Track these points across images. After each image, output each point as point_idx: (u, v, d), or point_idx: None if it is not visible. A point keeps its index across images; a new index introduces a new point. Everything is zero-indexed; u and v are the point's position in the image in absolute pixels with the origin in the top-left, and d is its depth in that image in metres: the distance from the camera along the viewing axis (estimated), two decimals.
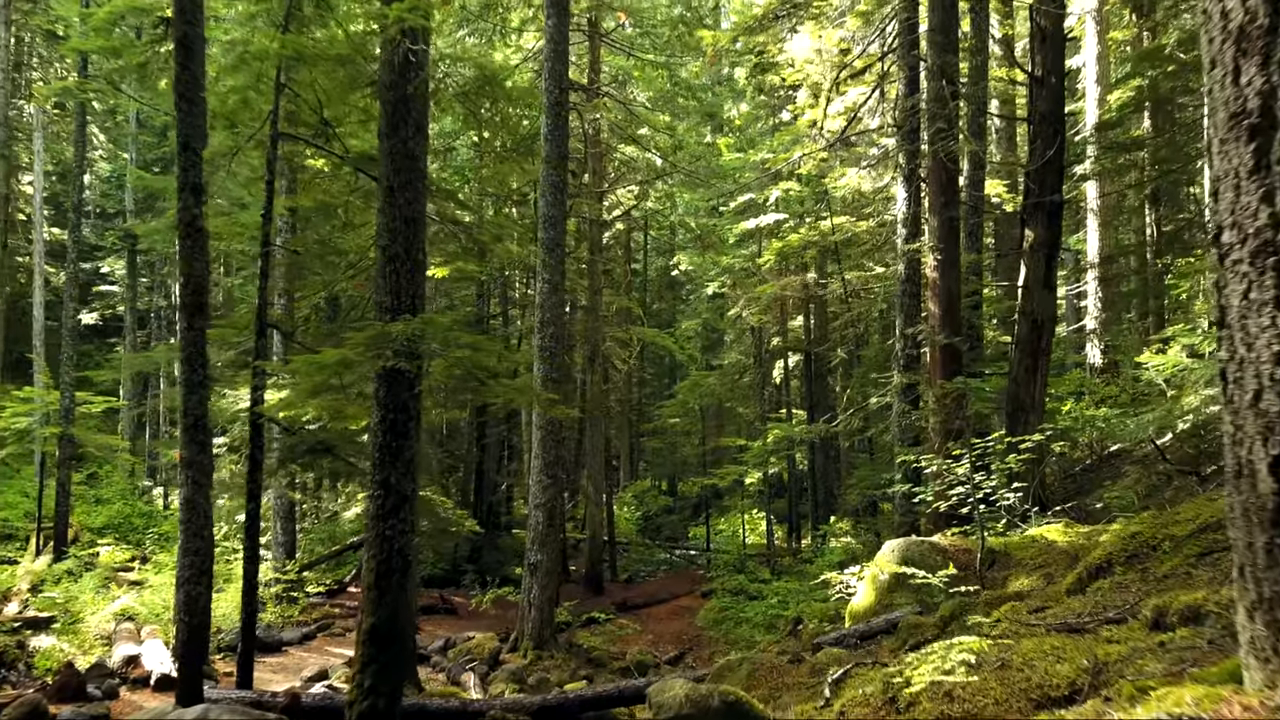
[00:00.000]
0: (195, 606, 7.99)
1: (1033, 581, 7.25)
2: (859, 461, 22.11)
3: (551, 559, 14.18)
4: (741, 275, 25.40)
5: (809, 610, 15.09)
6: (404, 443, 6.79)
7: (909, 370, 12.97)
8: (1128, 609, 4.16)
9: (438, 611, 17.76)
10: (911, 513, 12.08)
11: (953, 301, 12.58)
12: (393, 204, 6.93)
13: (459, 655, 13.55)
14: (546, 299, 14.24)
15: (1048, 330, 12.13)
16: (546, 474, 14.09)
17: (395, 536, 6.69)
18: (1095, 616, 4.23)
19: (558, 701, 8.03)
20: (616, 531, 30.25)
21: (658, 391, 40.99)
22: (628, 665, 14.34)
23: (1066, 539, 8.08)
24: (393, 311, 6.80)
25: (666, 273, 42.04)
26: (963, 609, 6.70)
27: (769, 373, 28.51)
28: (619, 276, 39.38)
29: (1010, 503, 9.17)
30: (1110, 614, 4.18)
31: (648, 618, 18.87)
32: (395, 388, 6.74)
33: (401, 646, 6.70)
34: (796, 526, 26.01)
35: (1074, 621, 4.23)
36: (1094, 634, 3.81)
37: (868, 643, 7.58)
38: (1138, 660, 3.00)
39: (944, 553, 8.33)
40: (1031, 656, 3.43)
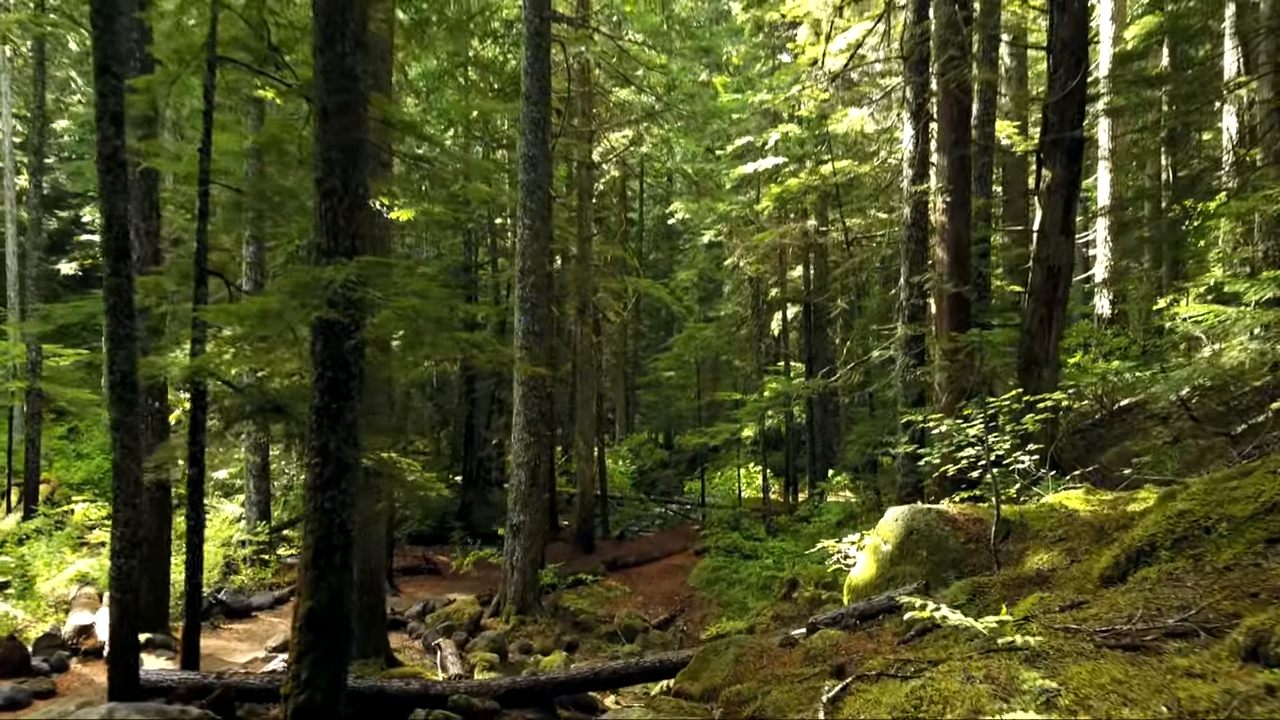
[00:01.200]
0: (128, 581, 7.25)
1: (1054, 558, 6.49)
2: (859, 416, 21.38)
3: (535, 520, 13.48)
4: (738, 223, 24.40)
5: (804, 573, 14.44)
6: (345, 404, 5.98)
7: (914, 322, 12.12)
8: (1194, 616, 3.38)
9: (420, 572, 17.14)
10: (915, 473, 11.33)
11: (962, 247, 11.70)
12: (328, 130, 6.03)
13: (437, 621, 12.91)
14: (528, 246, 13.35)
15: (1064, 278, 11.27)
16: (529, 431, 13.33)
17: (336, 509, 5.92)
18: (1152, 623, 3.44)
19: (528, 684, 7.33)
20: (610, 486, 29.66)
21: (654, 344, 40.15)
22: (615, 630, 13.74)
23: (1089, 508, 7.31)
24: (329, 254, 5.94)
25: (663, 222, 40.94)
26: (976, 591, 5.95)
27: (767, 324, 27.67)
28: (614, 225, 38.40)
29: (1025, 466, 8.39)
30: (1171, 621, 3.40)
31: (638, 577, 18.27)
32: (333, 342, 5.91)
33: (344, 632, 5.96)
34: (794, 480, 25.37)
35: (1125, 629, 3.45)
36: (1158, 654, 3.03)
37: (868, 623, 6.85)
38: (1241, 717, 2.25)
39: (953, 522, 7.57)
40: (1086, 692, 2.66)
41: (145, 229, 11.25)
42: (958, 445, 7.84)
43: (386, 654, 10.63)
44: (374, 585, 10.43)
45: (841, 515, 16.14)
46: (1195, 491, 4.86)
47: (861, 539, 8.93)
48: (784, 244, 21.88)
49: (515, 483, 13.46)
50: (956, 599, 5.94)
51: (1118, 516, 6.86)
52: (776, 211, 22.56)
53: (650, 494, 30.62)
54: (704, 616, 15.39)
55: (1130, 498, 7.26)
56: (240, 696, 7.51)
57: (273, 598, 13.57)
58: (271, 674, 7.97)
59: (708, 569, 17.36)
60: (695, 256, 33.06)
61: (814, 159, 20.79)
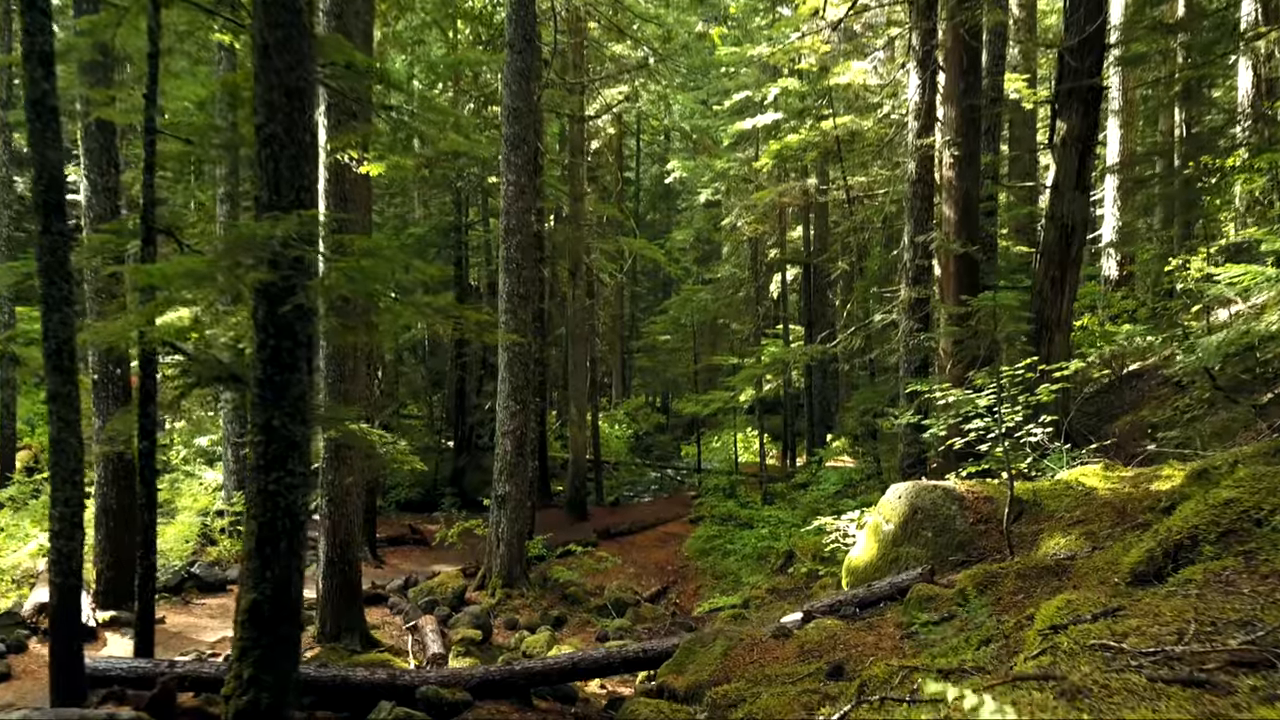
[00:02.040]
0: (69, 565, 6.73)
1: (1071, 542, 5.95)
2: (859, 380, 20.82)
3: (521, 490, 12.96)
4: (736, 181, 23.64)
5: (801, 544, 13.97)
6: (290, 376, 5.38)
7: (918, 284, 11.51)
8: (1265, 638, 2.82)
9: (406, 543, 16.65)
10: (918, 444, 10.78)
11: (970, 204, 11.05)
12: (269, 69, 5.36)
13: (420, 595, 12.44)
14: (512, 203, 12.67)
15: (1078, 237, 10.65)
16: (514, 399, 12.76)
17: (282, 492, 5.34)
18: (1210, 643, 2.89)
19: (502, 674, 6.83)
20: (606, 451, 29.18)
21: (652, 306, 39.45)
22: (605, 603, 13.27)
23: (1108, 486, 6.76)
24: (271, 208, 5.31)
25: (660, 181, 40.10)
26: (987, 581, 5.40)
27: (766, 287, 26.99)
28: (610, 185, 37.52)
29: (1037, 439, 7.84)
30: (1234, 643, 2.84)
31: (631, 546, 17.81)
32: (277, 307, 5.30)
33: (293, 626, 5.42)
34: (791, 445, 24.89)
35: (1178, 651, 2.89)
36: (1229, 694, 2.47)
37: (869, 611, 6.32)
38: None
39: (960, 501, 7.02)
40: None
41: (103, 184, 10.61)
42: (965, 416, 7.28)
43: (363, 633, 10.15)
44: (348, 560, 9.93)
45: (840, 484, 15.64)
46: (1242, 477, 4.28)
47: (861, 517, 8.41)
48: (783, 203, 21.16)
49: (501, 452, 12.92)
50: (966, 593, 5.39)
51: (1140, 496, 6.31)
52: (776, 169, 21.81)
53: (646, 459, 30.18)
54: (697, 588, 14.95)
55: (1153, 475, 6.70)
56: (195, 686, 7.03)
57: None
58: (224, 664, 7.44)
59: (702, 538, 16.90)
60: (693, 216, 32.29)
61: (814, 114, 20.00)
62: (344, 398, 9.76)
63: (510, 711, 6.67)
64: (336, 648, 9.05)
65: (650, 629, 12.61)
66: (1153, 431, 10.68)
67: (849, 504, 14.60)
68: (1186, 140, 20.33)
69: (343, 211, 9.73)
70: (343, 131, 9.35)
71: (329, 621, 9.88)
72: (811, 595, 11.78)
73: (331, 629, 9.86)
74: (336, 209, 9.71)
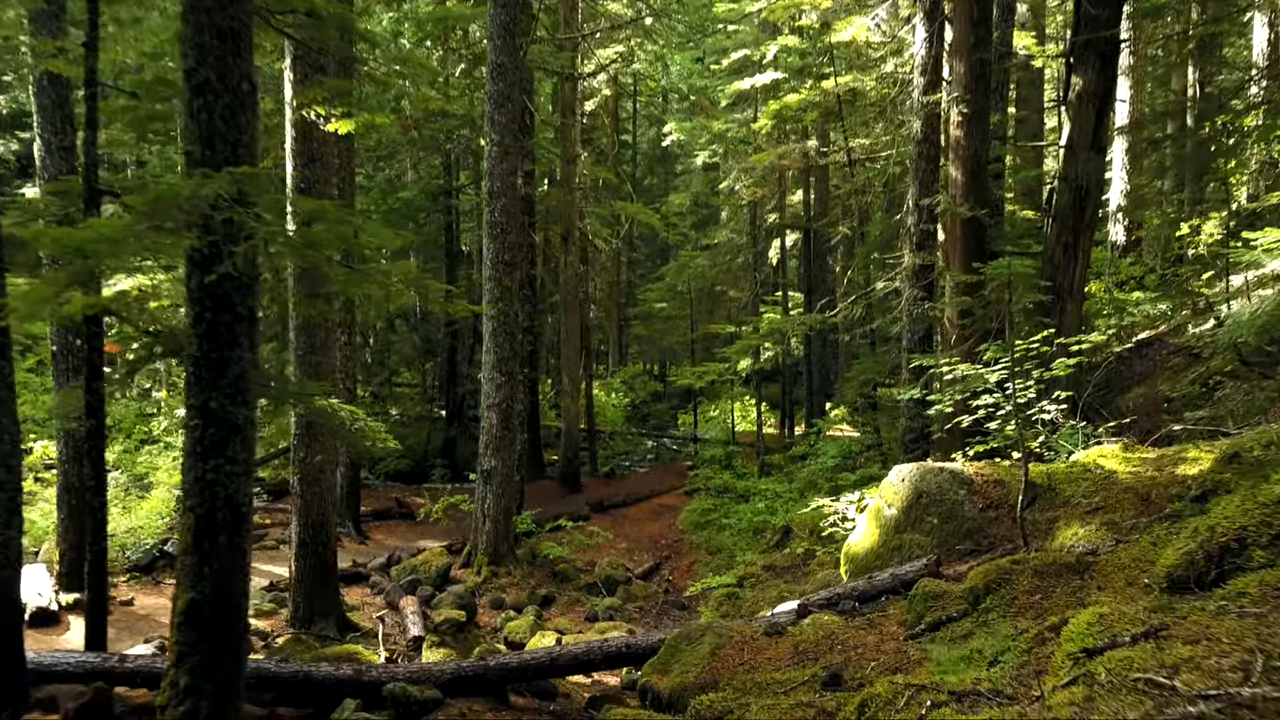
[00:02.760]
0: (5, 554, 6.25)
1: (1092, 534, 5.44)
2: (859, 350, 20.29)
3: (508, 465, 12.48)
4: (734, 144, 22.93)
5: (798, 520, 13.52)
6: (229, 353, 4.85)
7: (922, 250, 10.94)
8: None
9: (392, 517, 16.19)
10: (921, 418, 10.26)
11: (979, 165, 10.44)
12: (198, 6, 4.77)
13: (402, 573, 11.99)
14: (496, 165, 12.05)
15: (1093, 200, 10.07)
16: (500, 370, 12.23)
17: (222, 481, 4.83)
18: None
19: (475, 670, 6.36)
20: (601, 420, 28.72)
21: (649, 273, 38.78)
22: (595, 580, 12.86)
23: (1128, 469, 6.25)
24: (204, 165, 4.73)
25: (658, 144, 39.28)
26: (1000, 579, 4.91)
27: (764, 252, 26.36)
28: (606, 147, 36.70)
29: (1050, 416, 7.32)
30: None
31: (625, 519, 17.39)
32: (209, 277, 4.74)
33: (236, 627, 4.93)
34: (790, 414, 24.41)
35: (1247, 695, 2.38)
36: None
37: (869, 607, 5.84)
38: None
39: (968, 484, 6.51)
40: None
41: (58, 144, 9.97)
42: (973, 392, 6.76)
43: (339, 616, 9.72)
44: (322, 541, 9.46)
45: (839, 456, 15.16)
46: None
47: (861, 500, 7.92)
48: (782, 166, 20.47)
49: (486, 425, 12.42)
50: (977, 591, 4.90)
51: (1166, 481, 5.80)
52: (775, 131, 21.09)
53: (642, 429, 29.72)
54: (691, 564, 14.54)
55: (1177, 456, 6.19)
56: (148, 682, 6.56)
57: None
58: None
59: (697, 512, 16.47)
60: (690, 180, 31.56)
61: (815, 73, 19.26)
62: (315, 370, 9.23)
63: (484, 711, 6.22)
64: (304, 636, 8.60)
65: (641, 608, 12.21)
66: (1169, 405, 10.17)
67: (848, 478, 14.13)
68: (1200, 100, 19.63)
69: (311, 173, 9.15)
70: (309, 86, 8.73)
71: (303, 605, 9.44)
72: (808, 574, 11.35)
73: (305, 613, 9.42)
74: (304, 170, 9.12)
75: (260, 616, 9.60)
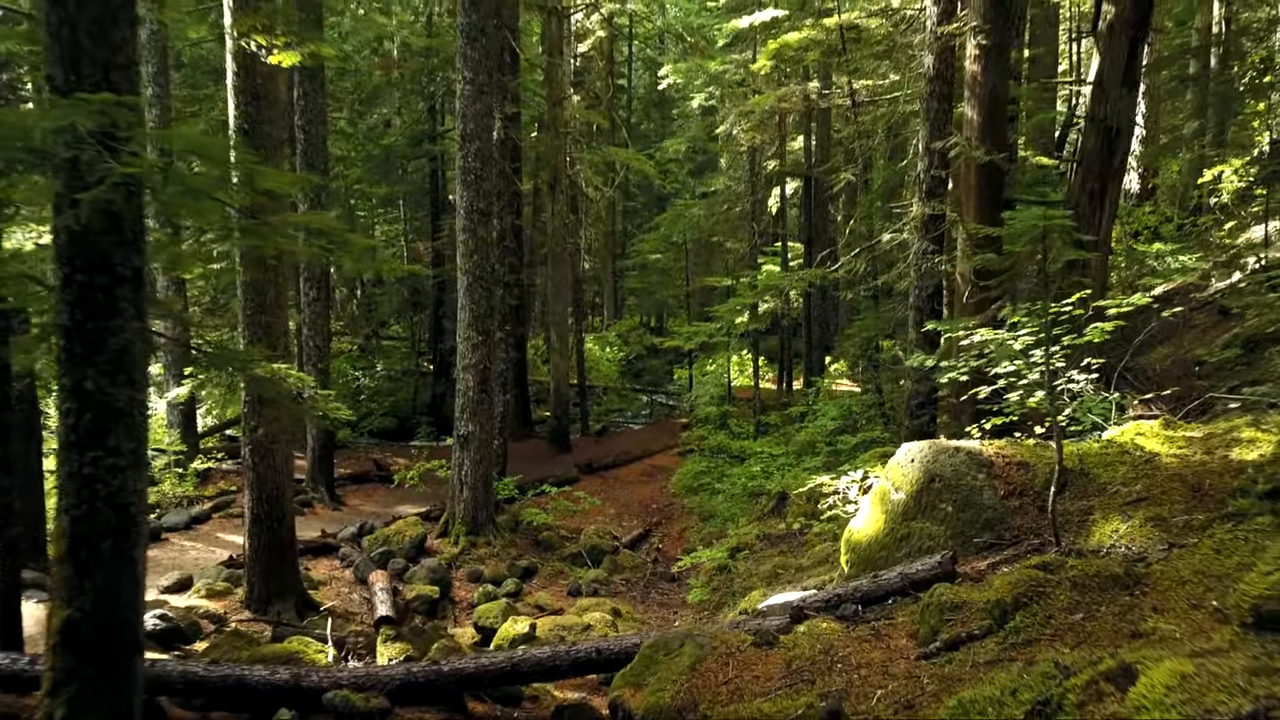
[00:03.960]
0: None
1: (1135, 531, 4.66)
2: (861, 304, 19.38)
3: (486, 430, 11.70)
4: (731, 86, 21.79)
5: (795, 485, 12.80)
6: (107, 323, 4.01)
7: (933, 198, 10.01)
8: None
9: (370, 480, 15.44)
10: (928, 381, 9.43)
11: (997, 104, 9.48)
12: None
13: (374, 545, 11.28)
14: (469, 105, 11.09)
15: (1123, 143, 9.17)
16: (476, 329, 11.40)
17: (102, 476, 4.03)
18: None
19: (428, 675, 5.63)
20: (595, 375, 27.97)
21: (648, 223, 37.68)
22: (580, 550, 12.17)
23: (1173, 451, 5.45)
24: (68, 92, 3.85)
25: (654, 89, 37.96)
26: (1032, 592, 4.13)
27: (764, 201, 25.32)
28: (601, 91, 35.40)
29: (1080, 387, 6.50)
30: None
31: (615, 481, 16.69)
32: (86, 229, 3.89)
33: (127, 649, 4.17)
34: (789, 368, 23.64)
35: None
36: None
37: (874, 611, 5.08)
38: None
39: (987, 467, 5.72)
40: None
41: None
42: (989, 358, 5.94)
43: (299, 595, 9.01)
44: (276, 517, 8.71)
45: (839, 418, 14.39)
46: None
47: (865, 480, 7.13)
48: (783, 109, 19.40)
49: (463, 388, 11.62)
50: (1004, 605, 4.12)
51: (1219, 467, 5.01)
52: (774, 72, 19.95)
53: (637, 384, 28.95)
54: (683, 531, 13.86)
55: (1229, 436, 5.39)
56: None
57: (188, 516, 11.91)
58: None
59: (690, 474, 15.76)
60: (687, 125, 30.39)
61: (816, 9, 18.10)
62: (266, 331, 8.40)
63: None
64: (243, 631, 7.88)
65: (628, 580, 11.53)
66: (1200, 369, 9.36)
67: (848, 440, 13.38)
68: (1225, 39, 18.52)
69: (255, 111, 8.21)
70: (248, 12, 7.77)
71: (258, 585, 8.73)
72: (805, 544, 10.61)
73: (261, 593, 8.71)
74: (247, 108, 8.19)
75: (213, 597, 8.89)
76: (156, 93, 13.12)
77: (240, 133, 8.21)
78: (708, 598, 10.11)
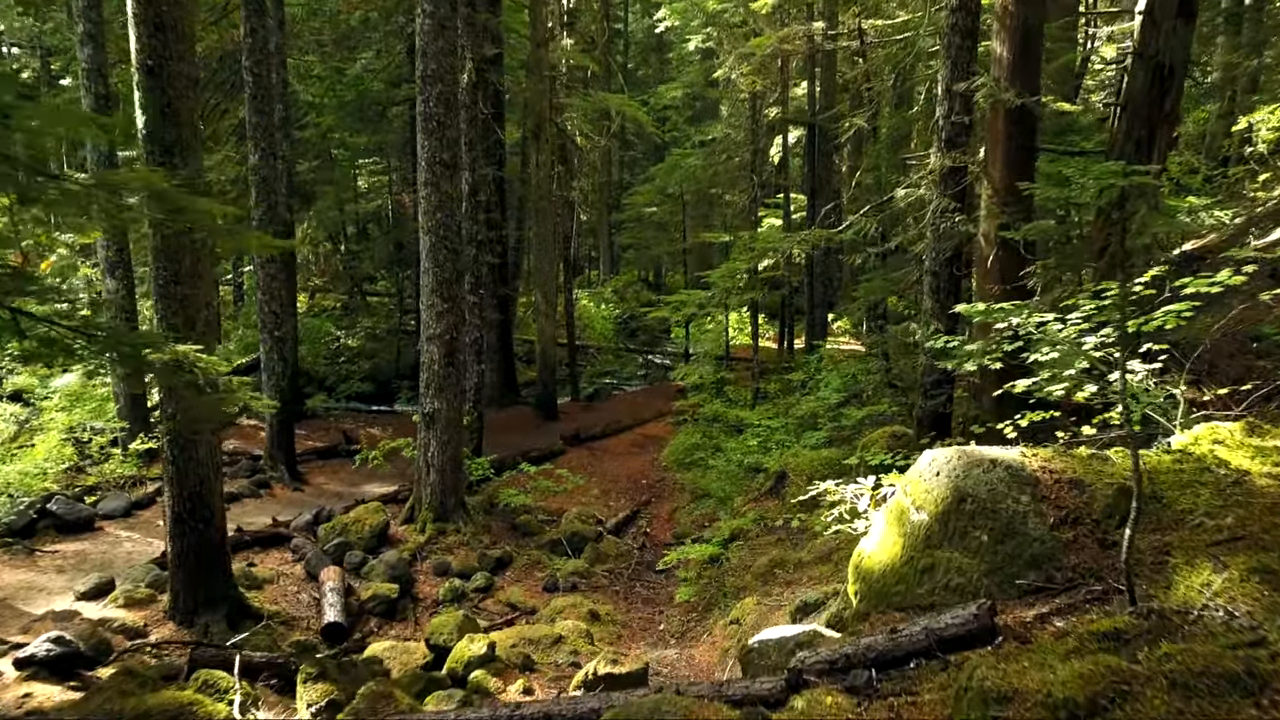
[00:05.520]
0: None
1: (1234, 585, 3.56)
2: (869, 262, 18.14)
3: (454, 407, 10.61)
4: (730, 27, 20.29)
5: (795, 464, 11.74)
6: None
7: (954, 148, 8.78)
8: None
9: (337, 455, 14.34)
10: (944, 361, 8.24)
11: (1031, 39, 8.21)
12: None
13: (331, 534, 10.26)
14: (430, 42, 9.80)
15: (1177, 82, 7.90)
16: (441, 295, 10.24)
17: None
18: None
19: None
20: (590, 334, 26.84)
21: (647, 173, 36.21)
22: (560, 537, 11.15)
23: (1267, 468, 4.33)
24: None
25: (652, 32, 36.29)
26: (1112, 688, 3.03)
27: (765, 151, 23.90)
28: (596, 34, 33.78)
29: (1140, 379, 5.37)
30: None
31: (603, 453, 15.66)
32: None
33: None
34: (790, 325, 22.47)
35: None
36: None
37: (891, 680, 3.99)
38: None
39: (1031, 486, 4.61)
40: None
41: None
42: (1030, 342, 4.82)
43: (233, 602, 7.98)
44: (203, 517, 7.64)
45: (843, 390, 13.27)
46: None
47: (878, 490, 6.01)
48: (785, 51, 17.98)
49: (427, 361, 10.50)
50: (1075, 706, 3.03)
51: None
52: (776, 11, 18.51)
53: (632, 343, 27.80)
54: (673, 511, 12.83)
55: None
56: None
57: (128, 501, 10.87)
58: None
59: (684, 446, 14.71)
60: (685, 70, 28.79)
61: None
62: (181, 305, 7.24)
63: None
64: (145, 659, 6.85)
65: (611, 572, 10.52)
66: (1257, 345, 8.20)
67: (853, 414, 12.27)
68: None
69: (160, 44, 6.97)
70: None
71: (183, 593, 7.70)
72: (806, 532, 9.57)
73: (185, 603, 7.69)
74: (151, 40, 6.94)
75: (133, 605, 7.86)
76: (88, 30, 11.79)
77: (144, 70, 6.98)
78: (696, 596, 9.10)
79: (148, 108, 7.04)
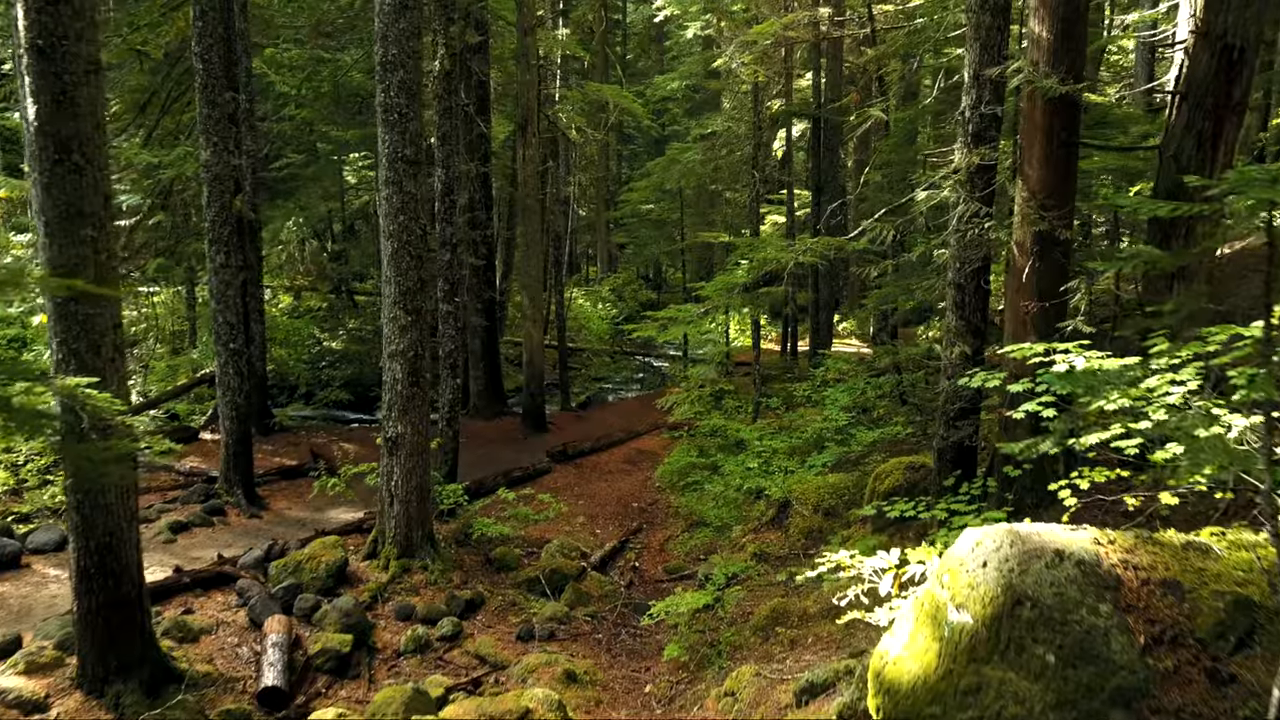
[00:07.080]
0: None
1: None
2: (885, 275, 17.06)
3: (419, 431, 9.55)
4: (732, 14, 19.21)
5: (799, 490, 10.68)
6: None
7: (982, 144, 7.68)
8: None
9: (304, 475, 13.23)
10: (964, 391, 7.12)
11: (1075, 17, 7.09)
12: None
13: (283, 573, 9.20)
14: (390, 24, 8.73)
15: (1248, 68, 6.80)
16: (404, 306, 9.17)
17: None
18: None
19: None
20: (584, 337, 25.83)
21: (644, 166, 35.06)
22: (538, 574, 10.09)
23: None
24: None
25: (651, 22, 35.12)
26: None
27: (767, 145, 22.79)
28: (593, 24, 32.78)
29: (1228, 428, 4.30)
30: None
31: (592, 471, 14.61)
32: None
33: None
34: (794, 327, 21.42)
35: None
36: None
37: None
38: None
39: (1111, 589, 3.53)
40: None
41: None
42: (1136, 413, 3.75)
43: (154, 665, 6.93)
44: (112, 572, 6.59)
45: (852, 407, 12.17)
46: None
47: (903, 568, 4.92)
48: (789, 38, 16.85)
49: (389, 380, 9.45)
50: None
51: None
52: None
53: (629, 346, 26.74)
54: (666, 540, 11.79)
55: None
56: None
57: (61, 535, 9.80)
58: None
59: (678, 466, 13.61)
60: (686, 60, 27.70)
61: None
62: (83, 327, 6.17)
63: None
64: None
65: (594, 616, 9.46)
66: None
67: (864, 436, 11.17)
68: None
69: (53, 22, 5.91)
70: None
71: (90, 660, 6.64)
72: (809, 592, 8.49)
73: (95, 670, 6.63)
74: (41, 18, 5.88)
75: (35, 671, 6.80)
76: None
77: (34, 52, 5.92)
78: (687, 655, 8.03)
79: (39, 95, 5.98)
